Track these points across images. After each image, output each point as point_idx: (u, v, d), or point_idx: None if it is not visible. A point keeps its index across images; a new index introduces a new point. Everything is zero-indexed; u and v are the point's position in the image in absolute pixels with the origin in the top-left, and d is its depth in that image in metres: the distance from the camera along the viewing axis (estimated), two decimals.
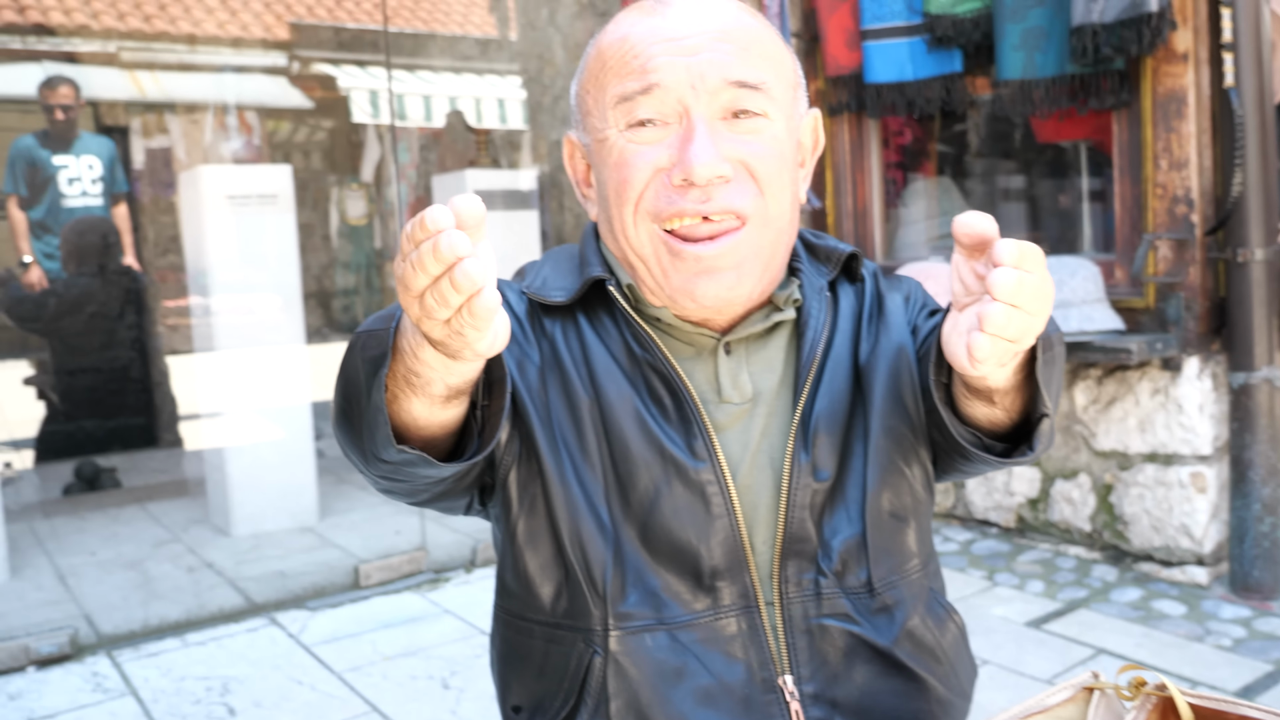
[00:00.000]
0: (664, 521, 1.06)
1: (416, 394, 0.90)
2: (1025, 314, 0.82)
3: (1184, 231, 2.93)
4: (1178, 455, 3.00)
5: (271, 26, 9.18)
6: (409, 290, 0.77)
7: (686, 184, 1.02)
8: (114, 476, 4.93)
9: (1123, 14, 2.78)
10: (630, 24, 1.07)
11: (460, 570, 3.55)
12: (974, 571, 3.27)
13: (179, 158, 8.78)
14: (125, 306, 5.25)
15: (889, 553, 1.10)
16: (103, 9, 8.51)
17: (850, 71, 3.58)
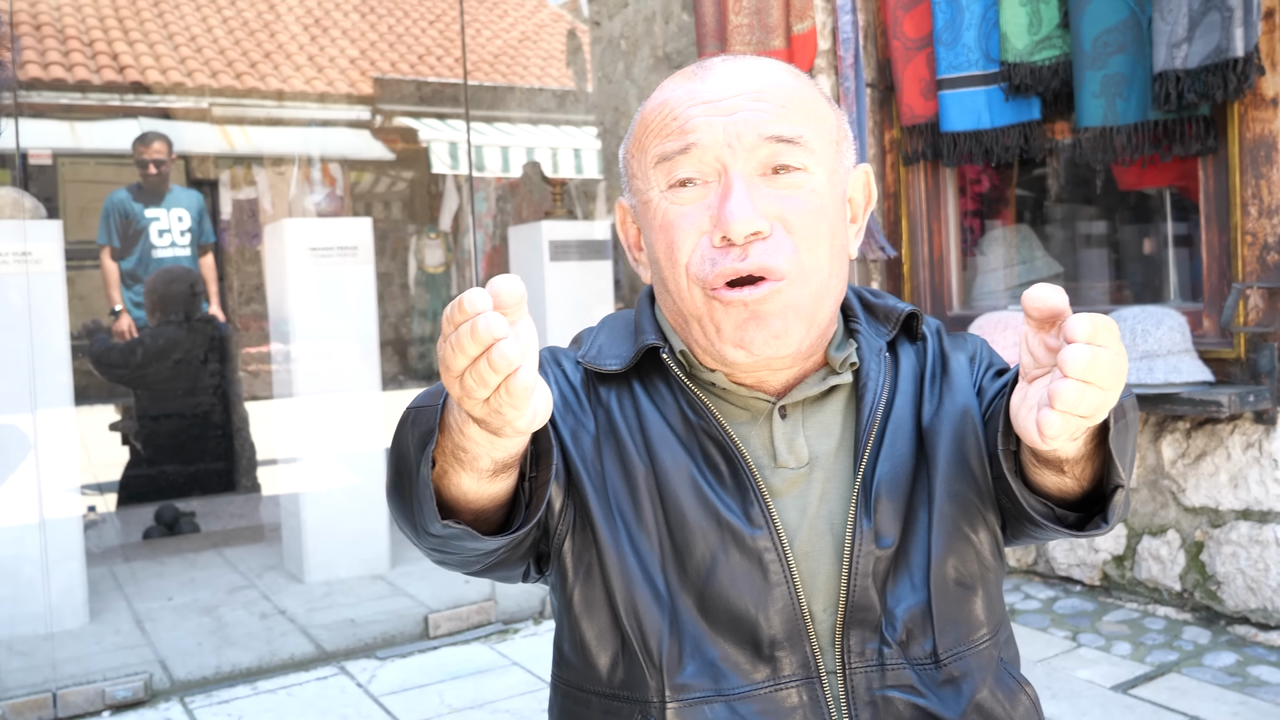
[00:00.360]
0: (721, 590, 1.05)
1: (464, 469, 0.91)
2: (1098, 389, 0.80)
3: (1275, 280, 2.84)
4: (1273, 512, 2.88)
5: (356, 82, 9.49)
6: (449, 371, 0.79)
7: (726, 243, 1.02)
8: (193, 521, 5.03)
9: (1207, 59, 2.72)
10: (671, 89, 1.09)
11: (529, 621, 3.54)
12: (1057, 631, 3.16)
13: (265, 209, 9.04)
14: (209, 354, 5.38)
15: (955, 622, 1.08)
16: (197, 67, 8.89)
17: (926, 120, 3.56)
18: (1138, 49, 2.94)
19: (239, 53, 9.37)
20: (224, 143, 8.71)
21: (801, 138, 1.05)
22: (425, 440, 0.90)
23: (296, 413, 4.17)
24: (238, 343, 6.12)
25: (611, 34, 5.14)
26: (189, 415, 5.39)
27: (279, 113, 9.07)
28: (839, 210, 1.10)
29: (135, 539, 4.89)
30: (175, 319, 5.23)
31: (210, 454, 5.49)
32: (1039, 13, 3.20)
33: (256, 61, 9.33)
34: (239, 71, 9.06)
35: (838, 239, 1.09)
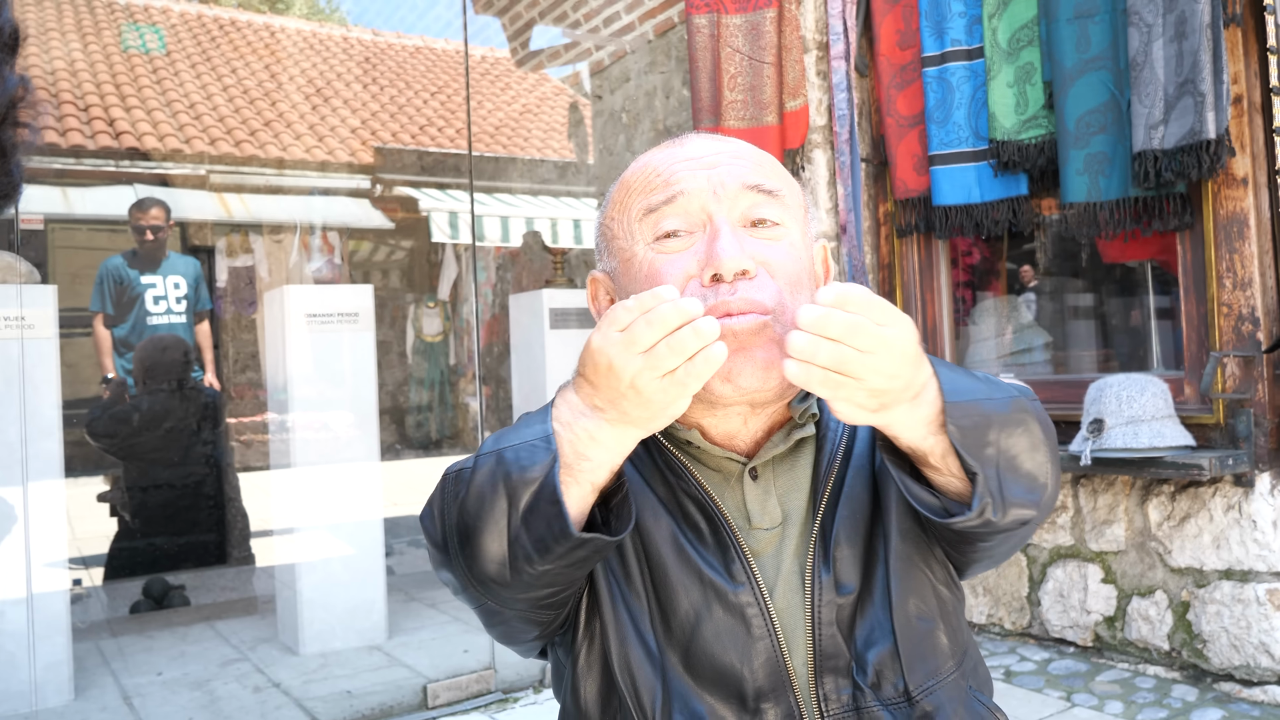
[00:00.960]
0: (706, 646, 1.08)
1: (579, 481, 0.98)
2: (838, 345, 0.89)
3: (1250, 349, 2.98)
4: (1254, 572, 2.99)
5: (357, 151, 9.62)
6: (634, 345, 0.89)
7: (715, 281, 1.06)
8: (183, 594, 4.92)
9: (1182, 140, 2.89)
10: (651, 155, 1.16)
11: (529, 690, 3.54)
12: (1051, 692, 3.24)
13: (261, 276, 9.08)
14: (201, 423, 5.28)
15: (922, 658, 1.10)
16: (195, 134, 8.93)
17: (919, 194, 3.72)
18: (1118, 129, 3.11)
19: (238, 120, 9.44)
20: (221, 210, 8.72)
21: (779, 191, 1.12)
22: (535, 466, 0.97)
23: (293, 482, 4.13)
24: (231, 412, 6.09)
25: (613, 107, 5.33)
26: (179, 486, 5.26)
27: (278, 181, 9.14)
28: (811, 270, 1.15)
29: (122, 613, 4.77)
30: (167, 387, 5.13)
31: (201, 525, 5.36)
32: (1025, 94, 3.38)
33: (256, 130, 9.42)
34: (238, 139, 9.13)
35: (811, 296, 1.12)
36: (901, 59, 3.76)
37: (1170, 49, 2.90)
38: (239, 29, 11.22)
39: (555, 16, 5.64)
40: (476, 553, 1.01)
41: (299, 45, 11.28)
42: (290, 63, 10.89)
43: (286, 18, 12.76)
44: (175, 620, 4.60)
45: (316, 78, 10.72)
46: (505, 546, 0.99)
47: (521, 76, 11.07)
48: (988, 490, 1.02)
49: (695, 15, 3.92)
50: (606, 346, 0.91)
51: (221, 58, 10.51)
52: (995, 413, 1.03)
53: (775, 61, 3.81)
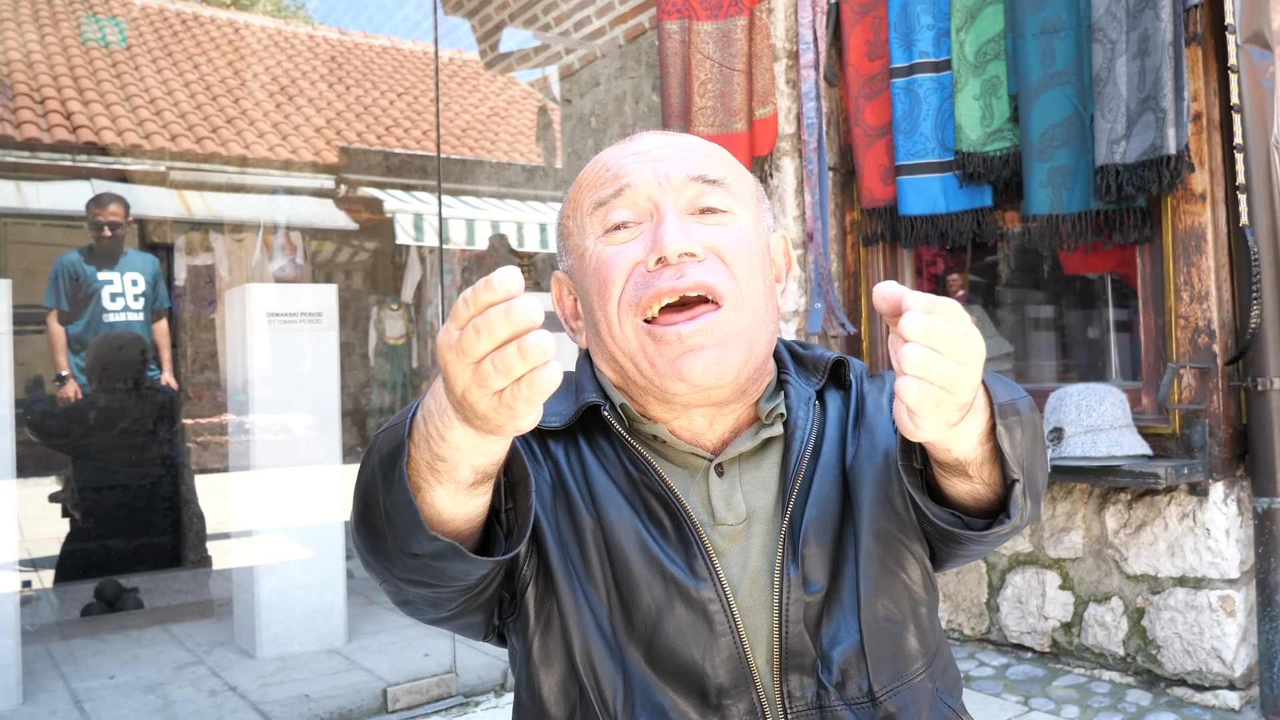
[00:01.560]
0: (668, 641, 1.07)
1: (441, 481, 0.89)
2: (945, 358, 0.82)
3: (1206, 361, 3.05)
4: (1207, 579, 3.05)
5: (321, 150, 9.53)
6: (464, 355, 0.75)
7: (661, 264, 1.07)
8: (136, 597, 4.84)
9: (1143, 155, 2.95)
10: (603, 153, 1.18)
11: (490, 694, 3.53)
12: (1009, 696, 3.28)
13: (221, 276, 8.97)
14: (157, 423, 5.18)
15: (889, 659, 1.10)
16: (155, 130, 8.80)
17: (885, 204, 3.77)
18: (1081, 143, 3.17)
19: (200, 117, 9.31)
20: (181, 207, 8.59)
21: (725, 180, 1.13)
22: (395, 456, 0.90)
23: (252, 484, 4.08)
24: (189, 412, 5.98)
25: (582, 111, 5.34)
26: (134, 487, 5.14)
27: (240, 179, 9.03)
28: (766, 257, 1.16)
29: (73, 616, 4.69)
30: (122, 386, 5.02)
31: (156, 527, 5.24)
32: (991, 107, 3.43)
33: (218, 126, 9.30)
34: (199, 136, 8.99)
35: (768, 281, 1.15)
36: (870, 69, 3.80)
37: (1133, 66, 2.97)
38: (201, 24, 11.09)
39: (525, 19, 5.64)
40: (368, 527, 0.98)
41: (263, 42, 11.18)
42: (254, 59, 10.78)
43: (251, 14, 12.65)
44: (128, 623, 4.53)
45: (281, 75, 10.62)
46: (385, 526, 0.95)
47: (490, 79, 11.05)
48: (1025, 495, 1.02)
49: (666, 21, 3.94)
50: (444, 350, 0.79)
51: (184, 53, 10.38)
52: (1024, 415, 1.02)
53: (745, 69, 3.84)
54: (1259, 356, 2.92)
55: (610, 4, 4.95)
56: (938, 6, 3.58)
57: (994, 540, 1.07)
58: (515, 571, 1.11)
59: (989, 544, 1.10)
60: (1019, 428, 1.00)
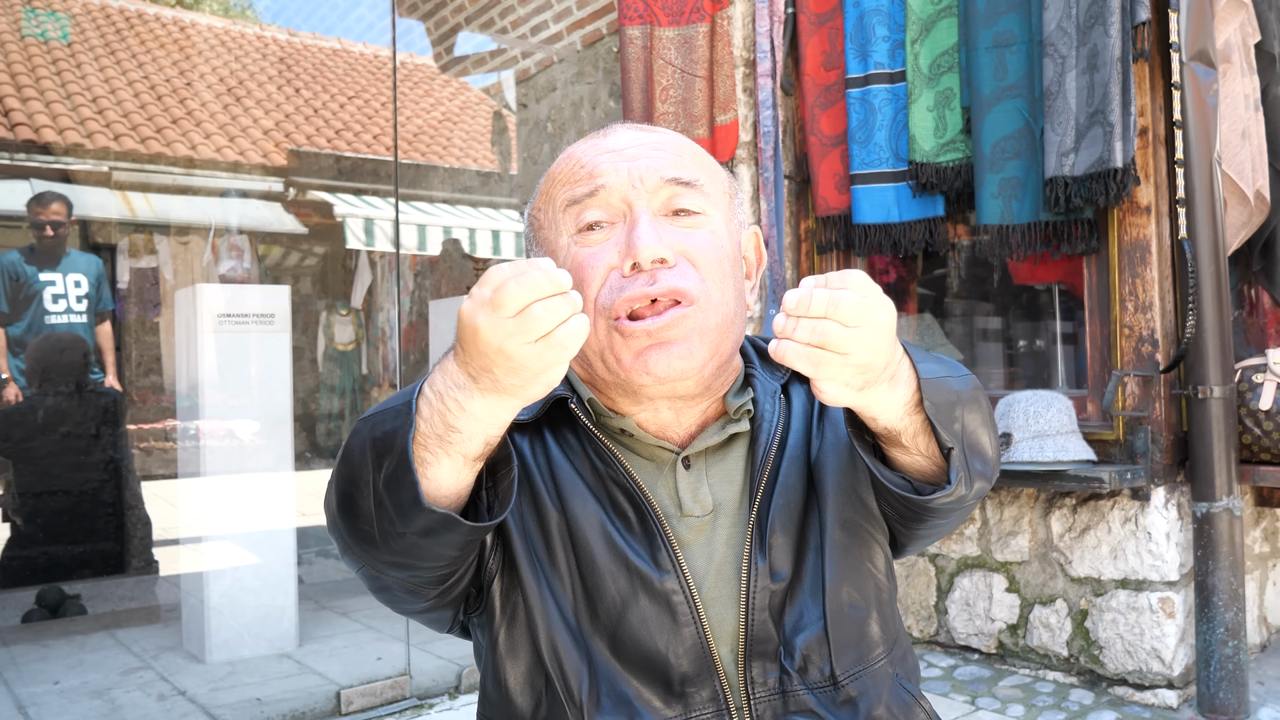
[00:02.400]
0: (632, 632, 1.09)
1: (450, 454, 0.95)
2: (830, 322, 0.90)
3: (1149, 369, 3.14)
4: (1148, 581, 3.13)
5: (270, 153, 9.42)
6: (501, 309, 0.85)
7: (635, 270, 1.08)
8: (79, 604, 4.76)
9: (1091, 168, 3.04)
10: (576, 147, 1.19)
11: (445, 696, 3.51)
12: (957, 696, 3.34)
13: (166, 278, 8.83)
14: (100, 427, 5.11)
15: (852, 644, 1.13)
16: (98, 129, 8.65)
17: (839, 212, 3.83)
18: (1032, 156, 3.25)
19: (144, 117, 9.16)
20: (125, 208, 8.48)
21: (698, 181, 1.14)
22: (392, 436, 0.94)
23: (202, 490, 4.03)
24: (133, 417, 5.87)
25: (538, 116, 5.36)
26: (76, 492, 5.08)
27: (186, 180, 8.91)
28: (736, 257, 1.18)
29: (14, 623, 4.61)
30: (64, 389, 4.95)
31: (99, 533, 5.18)
32: (944, 118, 3.51)
33: (163, 127, 9.15)
34: (144, 136, 8.84)
35: (738, 282, 1.16)
36: (826, 79, 3.86)
37: (1082, 80, 3.05)
38: (146, 22, 10.92)
39: (481, 23, 5.65)
40: (351, 511, 1.01)
41: (210, 42, 11.03)
42: (201, 59, 10.64)
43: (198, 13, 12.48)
44: (72, 629, 4.45)
45: (228, 76, 10.48)
46: (373, 509, 0.98)
47: (445, 82, 11.01)
48: (962, 464, 1.07)
49: (628, 26, 3.97)
50: (476, 310, 0.87)
51: (127, 51, 10.21)
52: (960, 390, 1.08)
53: (707, 75, 3.88)
54: (1199, 365, 3.01)
55: (568, 9, 4.98)
56: (893, 19, 3.65)
57: (944, 510, 1.12)
58: (483, 564, 1.12)
59: (941, 515, 1.14)
60: (955, 404, 1.06)
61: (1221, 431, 3.02)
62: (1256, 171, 3.16)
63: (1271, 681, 3.30)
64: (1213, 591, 2.99)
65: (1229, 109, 3.10)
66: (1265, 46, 3.25)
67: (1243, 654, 2.97)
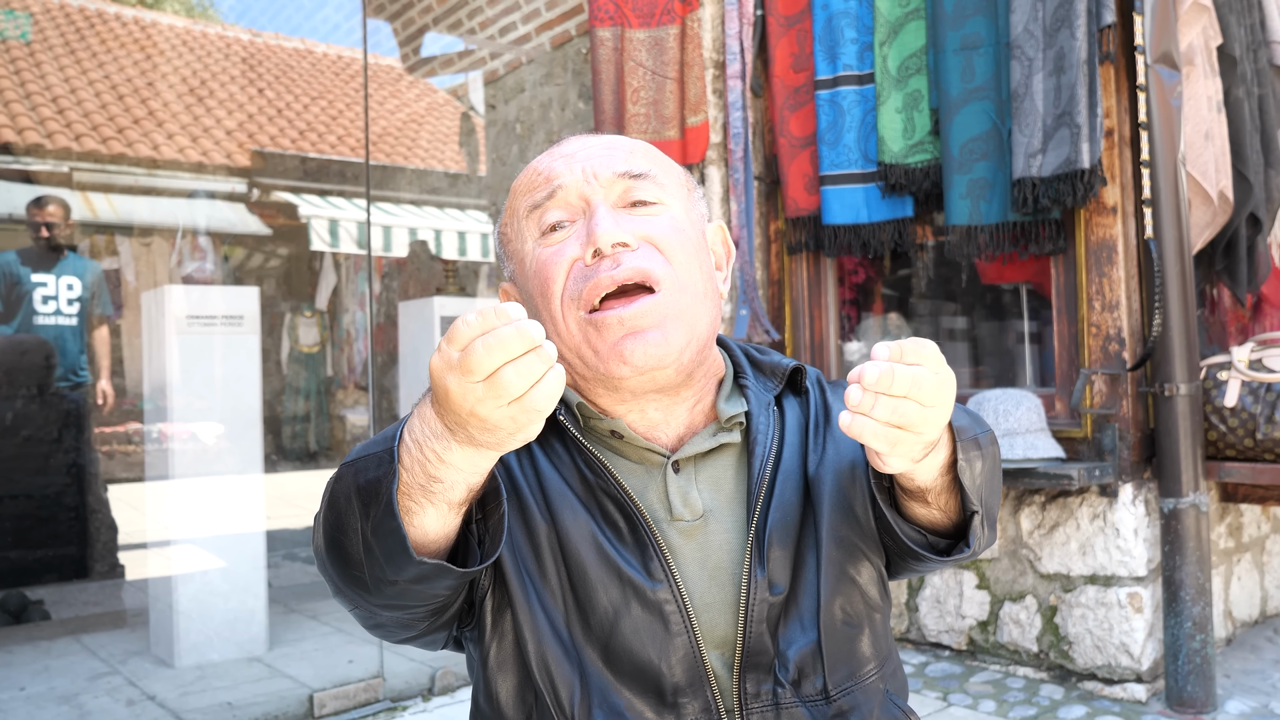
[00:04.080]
0: (624, 642, 1.09)
1: (434, 503, 0.94)
2: (910, 402, 0.90)
3: (1116, 367, 3.18)
4: (1116, 577, 3.17)
5: (233, 154, 9.33)
6: (470, 374, 0.82)
7: (597, 257, 1.10)
8: (42, 609, 4.72)
9: (1058, 169, 3.07)
10: (534, 160, 1.22)
11: (418, 699, 3.50)
12: (929, 693, 3.37)
13: (128, 280, 8.74)
14: (63, 431, 5.04)
15: (844, 660, 1.14)
16: (58, 129, 8.55)
17: (809, 213, 3.85)
18: (999, 157, 3.28)
19: (105, 117, 9.07)
20: (86, 210, 8.39)
21: (650, 173, 1.17)
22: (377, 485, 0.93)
23: (170, 493, 3.99)
24: (96, 419, 5.83)
25: (507, 118, 5.34)
26: (39, 496, 5.01)
27: (149, 181, 8.82)
28: (701, 244, 1.19)
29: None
30: (25, 393, 4.88)
31: (62, 538, 5.10)
32: (913, 120, 3.53)
33: (125, 127, 9.04)
34: (105, 136, 8.75)
35: (705, 265, 1.18)
36: (795, 81, 3.88)
37: (1049, 82, 3.09)
38: (107, 22, 10.79)
39: (449, 24, 5.62)
40: (341, 557, 1.00)
41: (173, 42, 10.91)
42: (163, 60, 10.52)
43: (160, 13, 12.34)
44: (36, 635, 4.40)
45: (191, 76, 10.37)
46: (362, 556, 0.97)
47: (412, 83, 10.96)
48: (983, 525, 1.09)
49: (599, 28, 3.97)
50: (445, 371, 0.84)
51: (88, 51, 10.09)
52: (986, 449, 1.09)
53: (678, 77, 3.89)
54: (1165, 363, 3.06)
55: (536, 10, 4.96)
56: (861, 21, 3.67)
57: (952, 564, 1.14)
58: (475, 581, 1.12)
59: (946, 565, 1.16)
60: (979, 460, 1.07)
61: (1187, 428, 3.06)
62: (1220, 172, 3.20)
63: (1238, 675, 3.35)
64: (1180, 586, 3.03)
65: (1192, 110, 3.15)
66: (1227, 49, 3.30)
67: (1210, 648, 3.02)
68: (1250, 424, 3.14)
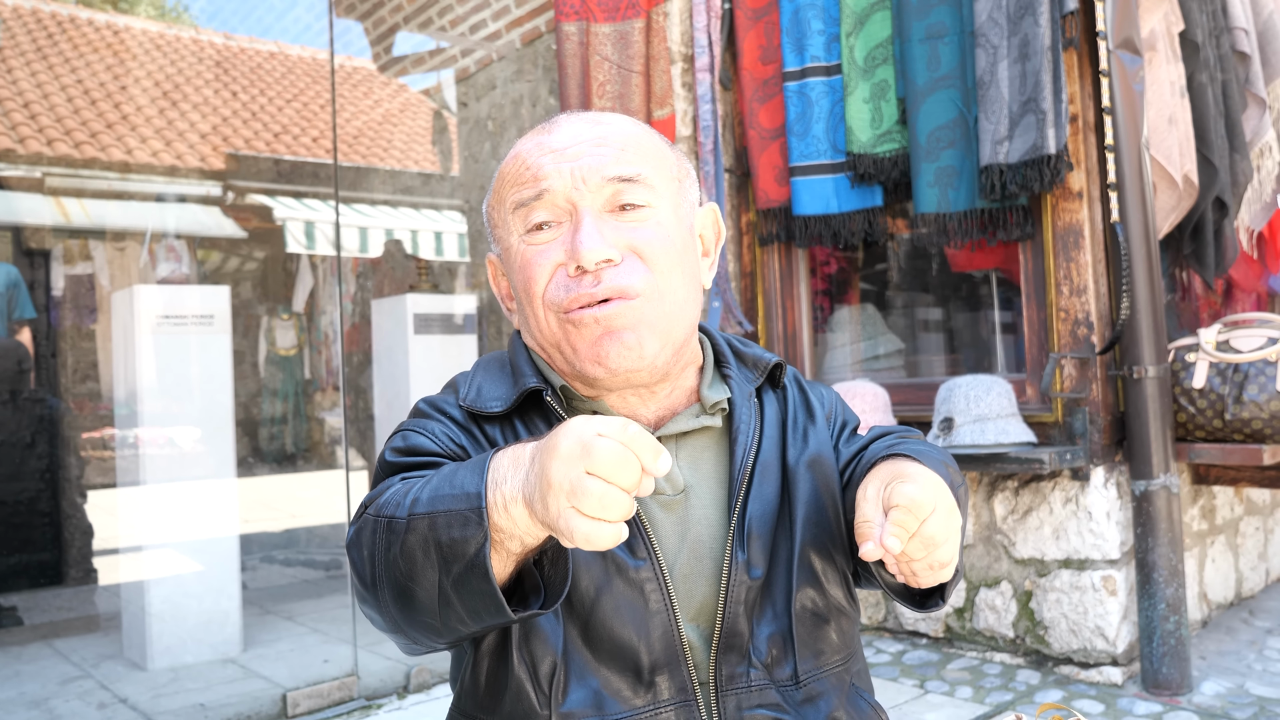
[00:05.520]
0: (605, 619, 1.11)
1: (507, 549, 0.94)
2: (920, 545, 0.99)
3: (1085, 351, 3.19)
4: (1090, 560, 3.19)
5: (208, 156, 9.27)
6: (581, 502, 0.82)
7: (580, 271, 1.12)
8: (15, 615, 4.68)
9: (1025, 156, 3.08)
10: (524, 143, 1.20)
11: (393, 697, 3.49)
12: (906, 681, 3.37)
13: (102, 284, 8.69)
14: (36, 436, 5.03)
15: (812, 647, 1.17)
16: (30, 134, 8.50)
17: (780, 205, 3.85)
18: (966, 144, 3.29)
19: (78, 121, 9.01)
20: (59, 215, 8.34)
21: (641, 175, 1.15)
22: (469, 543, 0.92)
23: (141, 497, 3.95)
24: (70, 424, 5.79)
25: (479, 115, 5.32)
26: (10, 502, 5.00)
27: (122, 185, 8.76)
28: (687, 241, 1.21)
29: None
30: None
31: (35, 544, 5.10)
32: (880, 110, 3.54)
33: (98, 131, 8.99)
34: (78, 141, 8.70)
35: (689, 267, 1.19)
36: (764, 73, 3.88)
37: (1015, 69, 3.10)
38: (79, 26, 10.71)
39: (420, 22, 5.60)
40: (410, 605, 0.99)
41: (145, 46, 10.84)
42: (136, 64, 10.45)
43: (133, 17, 12.25)
44: (7, 640, 4.37)
45: (164, 80, 10.30)
46: (437, 607, 0.97)
47: (384, 82, 10.91)
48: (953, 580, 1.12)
49: (565, 23, 3.97)
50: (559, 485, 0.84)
51: (60, 55, 10.01)
52: (959, 502, 1.13)
53: (643, 71, 3.89)
54: (1133, 346, 3.07)
55: (506, 7, 4.95)
56: (828, 13, 3.67)
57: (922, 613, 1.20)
58: None
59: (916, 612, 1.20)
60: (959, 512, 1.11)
61: (1157, 410, 3.08)
62: (1184, 156, 3.22)
63: (1213, 656, 3.37)
64: (1153, 568, 3.05)
65: (1155, 95, 3.16)
66: (1189, 35, 3.32)
67: (1184, 629, 3.03)
68: (1219, 405, 3.16)
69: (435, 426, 1.19)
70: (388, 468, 1.14)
